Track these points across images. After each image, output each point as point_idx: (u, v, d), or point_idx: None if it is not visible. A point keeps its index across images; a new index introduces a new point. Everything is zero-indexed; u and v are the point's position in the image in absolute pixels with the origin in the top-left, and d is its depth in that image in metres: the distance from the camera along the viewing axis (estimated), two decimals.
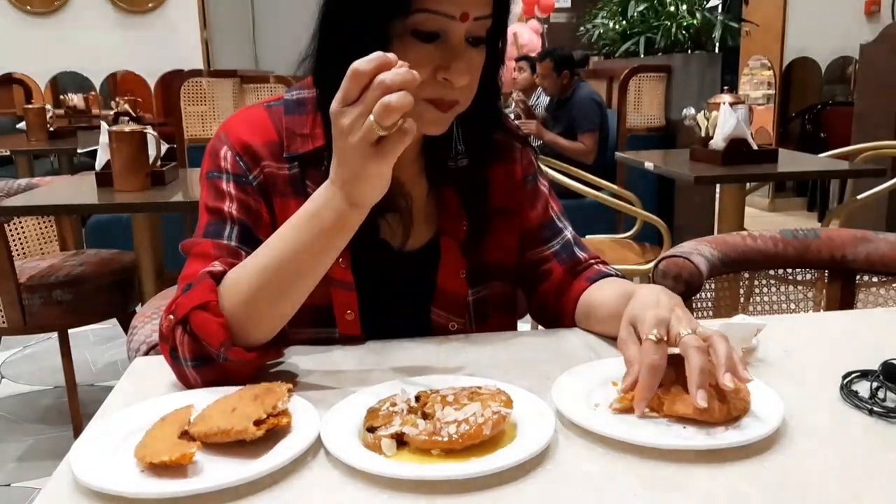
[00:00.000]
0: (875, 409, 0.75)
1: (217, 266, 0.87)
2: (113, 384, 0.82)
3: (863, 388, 0.80)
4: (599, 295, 1.00)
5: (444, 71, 0.86)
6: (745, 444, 0.68)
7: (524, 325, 1.24)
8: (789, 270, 1.45)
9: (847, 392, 0.79)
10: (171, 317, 0.84)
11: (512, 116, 4.20)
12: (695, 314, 1.39)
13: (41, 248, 2.85)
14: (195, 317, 0.82)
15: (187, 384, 0.84)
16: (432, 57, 0.86)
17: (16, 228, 2.76)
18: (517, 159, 1.08)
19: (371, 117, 0.72)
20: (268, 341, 0.85)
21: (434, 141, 1.00)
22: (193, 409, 0.72)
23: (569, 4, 8.28)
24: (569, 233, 1.10)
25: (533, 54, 5.28)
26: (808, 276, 1.46)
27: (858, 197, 3.27)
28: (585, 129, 4.12)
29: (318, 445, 0.69)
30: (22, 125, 4.58)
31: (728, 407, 0.72)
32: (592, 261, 1.09)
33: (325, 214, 0.79)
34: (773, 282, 1.46)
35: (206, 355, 0.82)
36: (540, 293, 1.08)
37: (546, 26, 6.96)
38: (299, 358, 0.92)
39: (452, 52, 0.86)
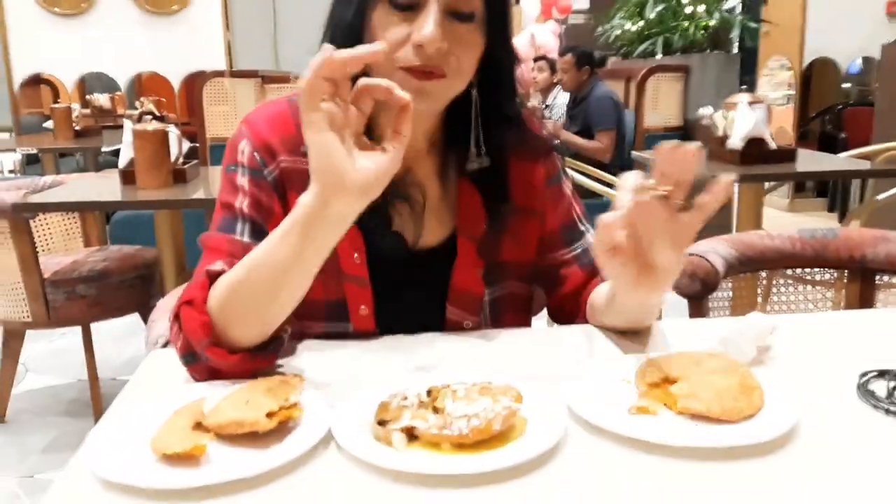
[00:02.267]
0: (892, 408, 0.74)
1: (218, 265, 0.87)
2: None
3: (879, 387, 0.78)
4: (602, 288, 0.99)
5: (415, 33, 0.85)
6: (759, 444, 0.67)
7: (539, 321, 1.24)
8: (807, 270, 1.43)
9: (863, 391, 0.78)
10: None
11: None
12: (711, 313, 1.38)
13: (65, 244, 2.89)
14: (183, 312, 0.83)
15: (192, 378, 0.85)
16: (408, 25, 0.86)
17: (41, 224, 2.80)
18: (540, 160, 1.06)
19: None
20: (257, 346, 0.84)
21: (452, 139, 0.99)
22: (207, 401, 0.73)
23: (587, 6, 8.23)
24: (589, 237, 1.08)
25: (551, 55, 5.27)
26: (827, 276, 1.44)
27: (879, 197, 3.22)
28: (602, 126, 4.11)
29: (328, 438, 0.69)
30: (49, 124, 4.65)
31: (742, 405, 0.71)
32: None
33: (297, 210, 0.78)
34: (790, 282, 1.45)
35: (192, 352, 0.82)
36: (560, 296, 1.07)
37: (564, 27, 6.94)
38: (312, 351, 0.92)
39: (423, 16, 0.85)
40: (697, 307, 1.32)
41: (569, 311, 1.06)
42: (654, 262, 0.79)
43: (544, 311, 1.27)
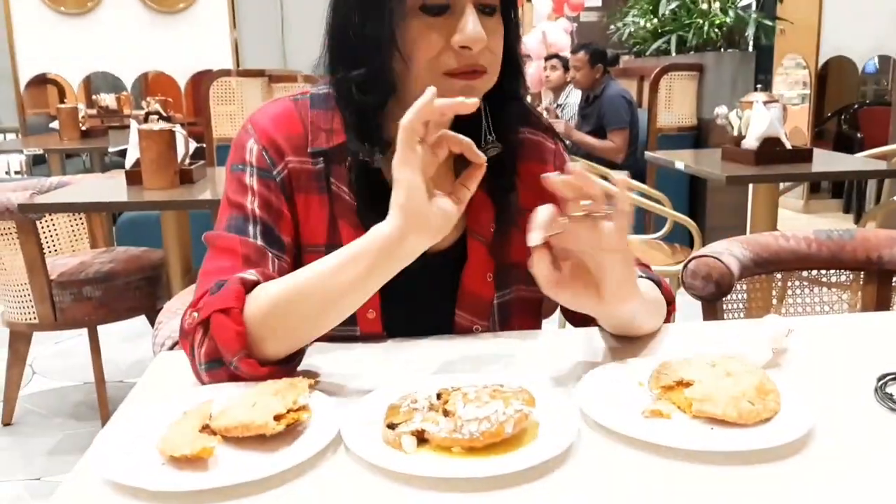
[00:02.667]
0: None
1: (251, 275, 0.86)
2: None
3: None
4: None
5: (458, 35, 0.85)
6: (776, 447, 0.66)
7: (550, 324, 1.23)
8: (823, 272, 1.41)
9: (881, 394, 0.76)
10: (196, 314, 0.83)
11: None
12: (726, 315, 1.36)
13: (72, 246, 2.89)
14: (216, 319, 0.81)
15: (200, 380, 0.84)
16: (445, 29, 0.86)
17: (48, 225, 2.80)
18: (549, 159, 1.05)
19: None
20: (285, 357, 0.83)
21: (463, 133, 0.98)
22: (214, 404, 0.72)
23: (599, 3, 8.21)
24: None
25: (562, 53, 5.25)
26: (843, 279, 1.42)
27: None
28: (615, 126, 4.09)
29: (337, 441, 0.68)
30: (55, 124, 4.66)
31: (758, 408, 0.70)
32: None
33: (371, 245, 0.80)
34: (805, 283, 1.43)
35: (219, 359, 0.81)
36: None
37: (576, 25, 6.92)
38: (320, 354, 0.91)
39: (463, 18, 0.86)
40: (711, 309, 1.30)
41: (581, 314, 1.04)
42: (602, 274, 0.80)
43: (553, 315, 1.25)
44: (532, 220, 0.77)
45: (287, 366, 0.83)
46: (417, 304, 0.98)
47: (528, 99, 1.06)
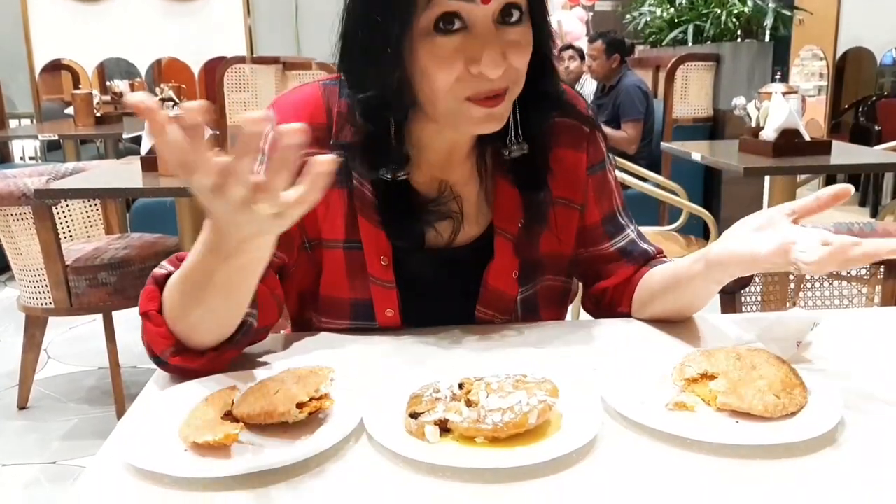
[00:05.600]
0: None
1: (165, 267, 0.83)
2: (155, 366, 0.83)
3: None
4: (659, 271, 0.97)
5: (474, 64, 0.79)
6: (803, 441, 0.65)
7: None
8: None
9: None
10: None
11: None
12: (743, 309, 1.35)
13: (87, 232, 2.90)
14: (143, 324, 0.81)
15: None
16: (462, 50, 0.79)
17: (63, 211, 2.81)
18: (584, 146, 1.00)
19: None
20: (223, 341, 0.81)
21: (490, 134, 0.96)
22: (237, 391, 0.71)
23: None
24: (632, 229, 1.04)
25: (577, 43, 5.21)
26: (862, 272, 1.41)
27: None
28: (629, 117, 4.06)
29: (360, 430, 0.68)
30: (69, 110, 4.67)
31: (785, 402, 0.69)
32: (659, 257, 1.04)
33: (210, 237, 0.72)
34: (821, 277, 1.41)
35: (157, 356, 0.81)
36: (601, 288, 1.04)
37: (591, 14, 6.87)
38: (341, 343, 0.91)
39: (481, 40, 0.79)
40: (730, 302, 1.29)
41: (608, 302, 1.03)
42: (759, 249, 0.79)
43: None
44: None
45: (228, 346, 0.81)
46: (438, 298, 0.96)
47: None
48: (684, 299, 0.93)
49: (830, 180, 6.28)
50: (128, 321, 3.04)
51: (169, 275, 0.81)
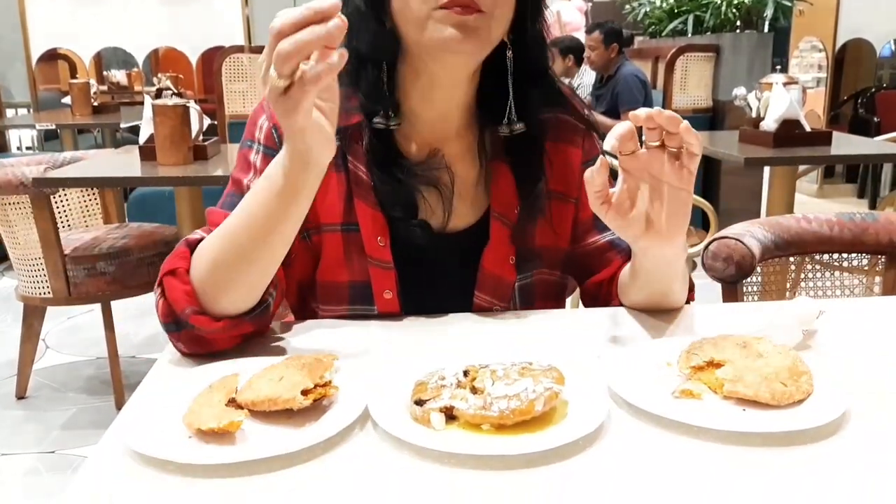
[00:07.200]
0: None
1: (198, 233, 0.86)
2: (154, 356, 0.83)
3: None
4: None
5: None
6: (810, 429, 0.64)
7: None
8: (839, 256, 1.39)
9: None
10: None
11: None
12: (744, 299, 1.35)
13: (85, 221, 2.89)
14: (166, 281, 0.82)
15: (178, 350, 0.84)
16: None
17: (61, 200, 2.80)
18: (579, 143, 1.03)
19: (271, 69, 0.68)
20: (243, 312, 0.83)
21: (486, 112, 0.96)
22: (241, 377, 0.71)
23: None
24: None
25: (576, 33, 5.20)
26: (863, 262, 1.40)
27: None
28: (628, 107, 4.05)
29: (365, 417, 0.67)
30: (67, 100, 4.65)
31: (792, 390, 0.69)
32: None
33: (276, 176, 0.76)
34: (818, 267, 1.41)
35: (175, 320, 0.82)
36: (594, 282, 1.04)
37: (590, 4, 6.84)
38: (345, 330, 0.91)
39: None
40: (731, 292, 1.28)
41: (604, 295, 1.04)
42: (659, 205, 0.81)
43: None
44: (612, 130, 0.78)
45: (247, 317, 0.83)
46: (436, 284, 0.97)
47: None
48: (650, 285, 0.93)
49: (828, 172, 6.29)
50: (126, 311, 3.04)
51: (201, 240, 0.84)
